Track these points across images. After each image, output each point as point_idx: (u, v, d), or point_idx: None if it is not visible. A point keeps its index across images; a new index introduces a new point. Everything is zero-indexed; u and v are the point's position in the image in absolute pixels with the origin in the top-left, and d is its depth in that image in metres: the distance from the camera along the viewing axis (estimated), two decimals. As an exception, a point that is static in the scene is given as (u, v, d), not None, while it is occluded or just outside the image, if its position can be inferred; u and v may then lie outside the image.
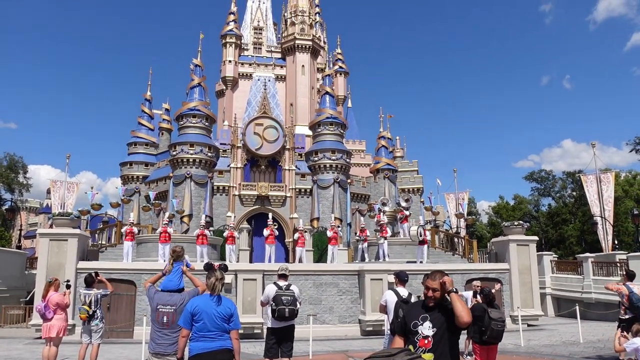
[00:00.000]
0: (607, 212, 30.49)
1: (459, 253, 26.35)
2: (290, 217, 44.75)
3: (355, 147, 61.91)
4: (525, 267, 20.60)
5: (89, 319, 10.28)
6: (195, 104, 42.58)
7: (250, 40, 64.17)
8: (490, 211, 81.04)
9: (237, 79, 60.86)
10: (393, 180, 50.66)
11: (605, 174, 32.08)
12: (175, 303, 6.51)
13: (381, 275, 18.18)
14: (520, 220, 24.13)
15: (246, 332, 16.60)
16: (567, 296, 25.51)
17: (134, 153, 51.69)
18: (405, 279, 8.28)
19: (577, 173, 53.02)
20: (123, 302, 17.67)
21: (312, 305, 18.12)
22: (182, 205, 39.60)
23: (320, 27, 67.65)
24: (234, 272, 17.68)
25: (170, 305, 6.53)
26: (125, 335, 17.34)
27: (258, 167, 46.45)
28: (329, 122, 46.66)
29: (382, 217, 24.67)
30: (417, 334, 4.16)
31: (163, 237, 20.81)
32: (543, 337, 17.21)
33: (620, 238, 48.86)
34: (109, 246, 26.23)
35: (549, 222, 67.70)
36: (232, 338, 5.52)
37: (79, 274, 17.03)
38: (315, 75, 63.04)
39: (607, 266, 24.22)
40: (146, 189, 47.80)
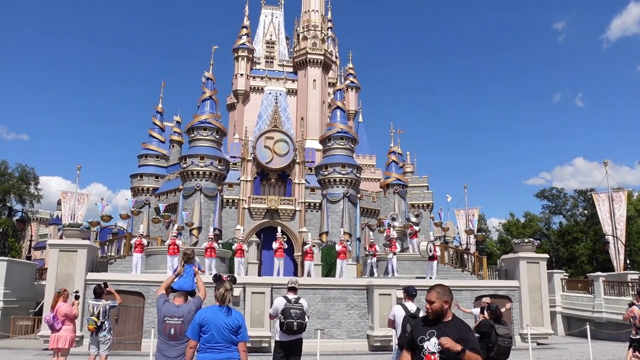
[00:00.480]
0: (619, 231, 30.19)
1: (468, 269, 26.17)
2: (299, 230, 44.70)
3: (365, 162, 61.89)
4: (535, 285, 20.39)
5: (97, 330, 10.29)
6: (206, 117, 42.90)
7: (262, 54, 64.67)
8: (501, 228, 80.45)
9: (249, 93, 61.27)
10: (403, 195, 50.56)
11: (618, 192, 31.82)
12: (182, 314, 6.52)
13: (390, 291, 18.07)
14: (530, 238, 23.94)
15: (254, 346, 16.52)
16: (578, 315, 25.18)
17: (144, 165, 52.03)
18: (414, 294, 8.25)
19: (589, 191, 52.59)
20: (131, 314, 17.68)
21: (320, 320, 18.03)
22: (191, 218, 39.72)
23: (332, 41, 68.06)
24: (242, 285, 17.65)
25: (177, 317, 6.53)
26: (133, 347, 17.32)
27: (268, 181, 46.56)
28: (340, 136, 46.79)
29: (392, 232, 24.60)
30: (424, 349, 4.13)
31: (172, 250, 20.84)
32: (553, 356, 16.98)
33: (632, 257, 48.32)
34: (118, 258, 26.33)
35: (560, 240, 67.04)
36: (239, 350, 5.53)
37: (88, 285, 17.08)
38: (326, 90, 63.33)
39: (619, 286, 23.92)
40: (156, 201, 48.03)
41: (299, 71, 63.07)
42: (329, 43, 66.35)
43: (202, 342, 5.50)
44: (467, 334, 4.10)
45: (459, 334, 4.05)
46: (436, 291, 4.23)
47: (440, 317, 4.19)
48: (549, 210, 72.20)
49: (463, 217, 40.98)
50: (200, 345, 5.51)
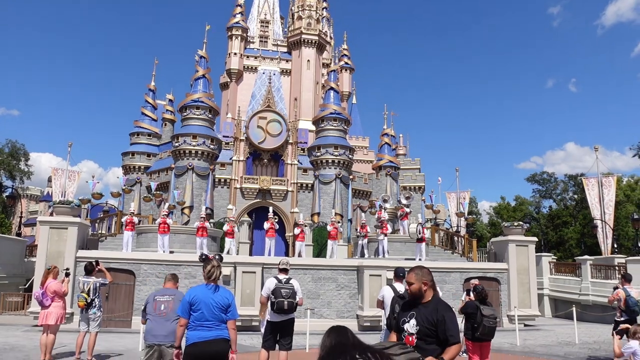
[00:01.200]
0: (607, 216, 30.48)
1: (458, 252, 26.38)
2: (291, 211, 44.79)
3: (358, 144, 61.82)
4: (524, 268, 20.62)
5: (87, 307, 10.32)
6: (199, 96, 42.62)
7: (257, 33, 64.04)
8: (491, 211, 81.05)
9: (242, 72, 60.78)
10: (395, 177, 50.69)
11: (607, 178, 32.02)
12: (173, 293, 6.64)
13: (380, 272, 18.22)
14: (520, 221, 24.14)
15: (244, 325, 16.65)
16: (565, 297, 25.53)
17: (136, 143, 51.72)
18: (402, 275, 8.31)
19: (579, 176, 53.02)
20: (122, 291, 17.74)
21: (310, 300, 18.16)
22: (183, 197, 39.69)
23: (327, 22, 67.47)
24: (233, 265, 17.72)
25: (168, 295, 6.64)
26: (123, 325, 17.42)
27: (260, 161, 46.48)
28: (333, 117, 46.69)
29: (383, 213, 24.68)
30: (404, 330, 4.15)
31: (162, 228, 20.84)
32: (539, 337, 17.24)
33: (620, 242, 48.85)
34: (109, 236, 26.30)
35: (549, 224, 67.70)
36: (229, 328, 5.58)
37: (78, 263, 17.09)
38: (320, 71, 62.95)
39: (606, 269, 24.23)
40: (148, 180, 47.88)
41: (293, 51, 62.57)
42: (324, 23, 65.78)
43: (192, 320, 5.54)
44: (443, 312, 4.07)
45: (435, 313, 4.05)
46: (415, 273, 4.22)
47: (419, 299, 4.19)
48: (539, 194, 72.77)
49: (454, 200, 41.21)
50: (190, 323, 5.56)
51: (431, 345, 4.01)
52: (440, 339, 4.01)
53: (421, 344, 4.01)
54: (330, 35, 68.09)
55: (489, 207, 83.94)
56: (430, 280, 4.23)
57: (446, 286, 19.37)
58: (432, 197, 41.58)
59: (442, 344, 4.01)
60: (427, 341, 4.03)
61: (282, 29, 67.57)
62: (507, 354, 13.27)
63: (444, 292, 18.74)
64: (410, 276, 4.22)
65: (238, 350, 5.94)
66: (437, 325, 4.01)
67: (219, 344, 5.45)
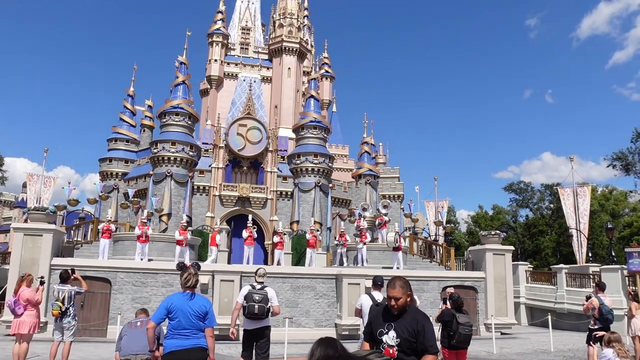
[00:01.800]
0: (582, 225, 30.98)
1: (436, 260, 26.56)
2: (270, 219, 44.64)
3: (338, 152, 61.98)
4: (501, 276, 20.83)
5: (62, 315, 10.14)
6: (179, 102, 42.35)
7: (237, 40, 64.00)
8: (469, 220, 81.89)
9: (222, 79, 60.62)
10: (374, 186, 50.90)
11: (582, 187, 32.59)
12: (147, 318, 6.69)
13: (359, 280, 18.24)
14: (497, 230, 24.42)
15: (222, 334, 16.49)
16: (541, 306, 25.85)
17: (114, 149, 51.09)
18: (380, 284, 8.35)
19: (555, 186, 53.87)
20: (97, 300, 17.46)
21: (288, 308, 18.10)
22: (161, 204, 39.30)
23: (308, 30, 67.74)
24: (211, 273, 17.59)
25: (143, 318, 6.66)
26: (98, 334, 17.14)
27: (240, 168, 46.29)
28: (313, 125, 46.77)
29: (362, 222, 24.77)
30: (382, 342, 4.08)
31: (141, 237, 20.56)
32: (515, 345, 17.42)
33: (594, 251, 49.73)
34: (85, 243, 25.92)
35: (526, 232, 68.63)
36: (206, 336, 5.54)
37: (53, 270, 16.80)
38: (301, 78, 63.11)
39: (581, 278, 24.63)
40: (125, 186, 47.31)
41: (274, 59, 62.65)
42: (305, 31, 66.04)
43: (170, 329, 5.50)
44: (422, 322, 4.05)
45: (416, 323, 4.02)
46: (399, 286, 4.09)
47: (404, 312, 4.13)
48: (516, 203, 73.75)
49: (432, 209, 41.52)
50: (168, 332, 5.51)
51: (410, 357, 3.99)
52: (418, 349, 3.97)
53: (402, 356, 3.98)
54: (311, 44, 68.36)
55: (467, 216, 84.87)
56: (411, 290, 4.20)
57: (424, 294, 19.48)
58: (410, 206, 41.80)
59: (419, 354, 3.98)
60: (407, 353, 3.99)
61: (263, 36, 67.65)
62: (484, 362, 13.37)
63: (422, 301, 18.83)
64: (397, 291, 4.06)
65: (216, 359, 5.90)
66: (417, 335, 3.97)
67: (197, 352, 5.41)
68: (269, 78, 62.34)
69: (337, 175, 53.83)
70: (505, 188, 73.26)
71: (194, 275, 5.69)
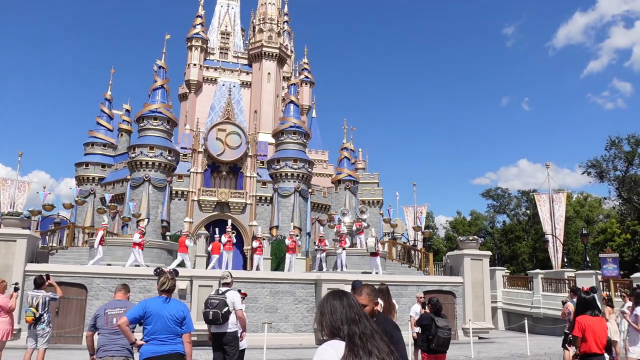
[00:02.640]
0: (558, 231, 31.49)
1: (415, 265, 26.71)
2: (249, 224, 44.45)
3: (317, 157, 62.08)
4: (478, 281, 21.04)
5: (36, 322, 9.93)
6: (157, 106, 41.99)
7: (217, 45, 63.76)
8: (448, 225, 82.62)
9: (202, 83, 60.32)
10: (354, 191, 51.05)
11: (558, 194, 33.14)
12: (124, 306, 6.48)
13: (338, 285, 18.22)
14: (475, 236, 24.68)
15: (200, 340, 16.35)
16: (518, 310, 26.16)
17: (90, 153, 50.42)
18: (359, 288, 8.34)
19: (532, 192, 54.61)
20: (73, 306, 17.17)
21: (267, 314, 18.03)
22: (139, 209, 38.84)
23: (288, 35, 67.82)
24: (189, 278, 17.45)
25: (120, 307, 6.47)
26: (73, 341, 16.84)
27: (219, 173, 46.05)
28: (292, 130, 46.77)
29: (342, 227, 24.81)
30: None
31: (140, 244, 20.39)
32: (493, 349, 17.60)
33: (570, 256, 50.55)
34: (60, 248, 25.48)
35: (503, 238, 69.49)
36: (184, 341, 5.48)
37: (27, 276, 16.49)
38: (280, 84, 63.10)
39: (556, 283, 25.00)
40: (102, 191, 46.70)
41: (253, 64, 62.56)
42: (285, 37, 66.12)
43: (146, 334, 5.42)
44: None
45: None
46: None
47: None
48: (493, 209, 74.68)
49: (411, 214, 41.80)
50: (144, 337, 5.44)
51: None
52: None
53: None
54: (291, 49, 68.45)
55: (446, 222, 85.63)
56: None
57: (403, 299, 19.56)
58: (390, 211, 42.01)
59: None
60: None
61: (243, 41, 67.53)
62: (462, 367, 13.47)
63: (401, 306, 18.90)
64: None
65: (194, 366, 5.85)
66: None
67: (174, 358, 5.34)
68: (249, 83, 62.21)
69: (316, 181, 53.89)
70: (483, 194, 74.20)
71: (170, 279, 5.64)
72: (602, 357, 6.75)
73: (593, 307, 6.92)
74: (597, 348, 6.65)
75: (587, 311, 6.89)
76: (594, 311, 6.88)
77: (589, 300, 7.02)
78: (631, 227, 51.55)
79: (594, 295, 7.33)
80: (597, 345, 6.64)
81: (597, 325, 6.75)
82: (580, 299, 7.19)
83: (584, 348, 6.70)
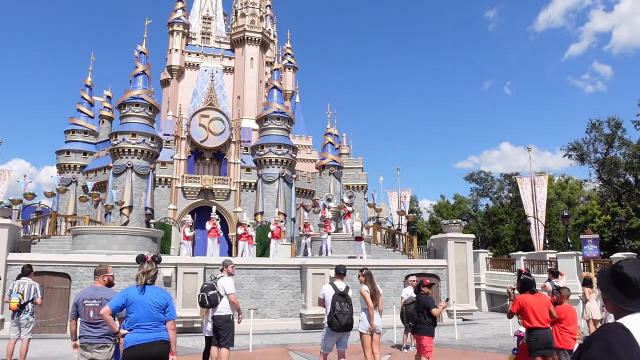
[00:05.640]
0: (539, 213, 31.92)
1: (399, 249, 26.90)
2: (234, 210, 44.38)
3: (301, 143, 61.97)
4: (462, 264, 21.27)
5: (20, 310, 9.83)
6: (139, 93, 41.51)
7: (199, 30, 63.00)
8: (432, 209, 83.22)
9: (184, 69, 59.65)
10: (338, 176, 51.14)
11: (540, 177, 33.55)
12: (100, 297, 6.40)
13: (323, 270, 18.34)
14: (458, 219, 24.90)
15: (186, 327, 16.40)
16: (501, 292, 26.54)
17: (71, 141, 49.79)
18: (342, 273, 8.41)
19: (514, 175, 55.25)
20: (57, 295, 17.03)
21: (253, 300, 18.08)
22: (122, 197, 38.57)
23: (270, 20, 67.22)
24: (174, 266, 17.40)
25: (96, 299, 6.41)
26: (58, 330, 16.74)
27: (202, 160, 45.79)
28: (276, 116, 46.59)
29: (327, 212, 24.86)
30: None
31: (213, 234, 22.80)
32: (476, 330, 17.87)
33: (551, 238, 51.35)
34: (42, 237, 25.19)
35: (486, 221, 70.24)
36: (168, 328, 5.46)
37: (9, 266, 16.32)
38: (264, 69, 62.66)
39: (538, 264, 25.40)
40: (84, 179, 46.21)
41: (236, 49, 61.99)
42: (267, 21, 65.53)
43: (129, 322, 5.40)
44: None
45: None
46: None
47: None
48: (477, 193, 75.38)
49: (395, 199, 42.06)
50: (127, 326, 5.41)
51: None
52: None
53: None
54: (274, 34, 67.91)
55: (430, 206, 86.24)
56: None
57: (387, 283, 19.74)
58: (374, 196, 42.23)
59: None
60: None
61: (225, 26, 66.81)
62: (446, 348, 13.67)
63: (385, 289, 19.10)
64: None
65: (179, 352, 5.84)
66: None
67: (159, 345, 5.32)
68: (231, 68, 61.68)
69: (300, 166, 53.86)
70: (466, 178, 74.81)
71: (145, 273, 5.53)
72: (548, 330, 7.30)
73: (531, 285, 7.54)
74: (538, 322, 7.21)
75: (527, 290, 7.47)
76: (533, 289, 7.51)
77: (527, 280, 7.61)
78: (611, 208, 52.42)
79: (533, 277, 7.99)
80: (537, 319, 7.21)
81: (535, 301, 7.32)
82: (520, 280, 7.73)
83: (527, 324, 7.30)
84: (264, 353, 12.94)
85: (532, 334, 7.21)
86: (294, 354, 12.62)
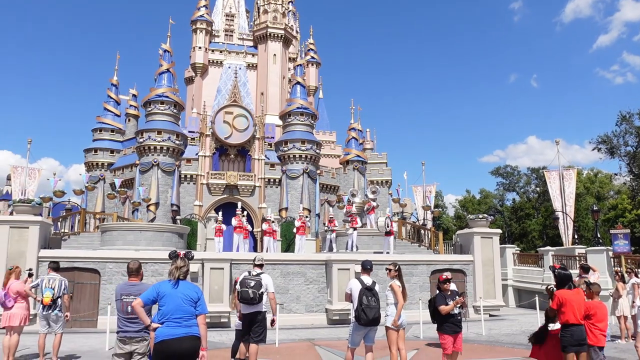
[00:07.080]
0: (568, 208, 31.32)
1: (425, 244, 26.70)
2: (259, 206, 44.64)
3: (325, 138, 62.01)
4: (489, 259, 21.03)
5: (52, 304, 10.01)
6: (164, 91, 41.98)
7: (222, 27, 63.39)
8: (457, 204, 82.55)
9: (207, 66, 60.12)
10: (362, 171, 51.03)
11: (568, 170, 32.88)
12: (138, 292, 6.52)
13: (348, 265, 18.32)
14: (485, 214, 24.60)
15: (213, 321, 16.55)
16: (528, 288, 26.19)
17: (99, 139, 50.70)
18: (369, 268, 8.38)
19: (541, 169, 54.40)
20: (87, 291, 17.37)
21: (279, 295, 18.13)
22: (148, 194, 39.12)
23: (293, 16, 67.27)
24: (201, 261, 17.59)
25: (134, 295, 6.53)
26: (88, 325, 17.08)
27: (227, 156, 46.15)
28: (300, 112, 46.65)
29: (352, 208, 24.83)
30: None
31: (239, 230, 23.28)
32: (504, 326, 17.66)
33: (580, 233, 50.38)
34: (72, 234, 25.71)
35: (513, 216, 69.31)
36: (199, 323, 5.51)
37: (41, 263, 16.70)
38: (286, 65, 62.78)
39: (567, 259, 24.94)
40: (111, 177, 47.04)
41: (259, 45, 62.20)
42: (290, 17, 65.60)
43: (160, 316, 5.46)
44: None
45: None
46: None
47: None
48: (503, 187, 74.44)
49: (420, 194, 41.69)
50: (158, 319, 5.47)
51: None
52: None
53: None
54: (297, 30, 67.94)
55: (455, 200, 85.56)
56: None
57: (413, 278, 19.63)
58: (398, 191, 41.96)
59: None
60: None
61: (248, 22, 67.07)
62: (473, 344, 13.55)
63: (411, 285, 19.02)
64: None
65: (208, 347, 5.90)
66: None
67: (189, 340, 5.37)
68: (255, 65, 61.94)
69: (324, 162, 53.89)
70: (492, 172, 73.92)
71: (178, 268, 5.63)
72: (581, 327, 7.16)
73: (569, 280, 7.34)
74: (575, 319, 7.09)
75: (565, 286, 7.28)
76: (570, 284, 7.30)
77: (564, 275, 7.41)
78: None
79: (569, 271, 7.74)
80: (574, 316, 7.09)
81: (574, 297, 7.17)
82: (556, 275, 7.49)
83: (563, 319, 7.14)
84: (290, 347, 13.00)
85: (567, 330, 7.09)
86: (319, 349, 12.65)
